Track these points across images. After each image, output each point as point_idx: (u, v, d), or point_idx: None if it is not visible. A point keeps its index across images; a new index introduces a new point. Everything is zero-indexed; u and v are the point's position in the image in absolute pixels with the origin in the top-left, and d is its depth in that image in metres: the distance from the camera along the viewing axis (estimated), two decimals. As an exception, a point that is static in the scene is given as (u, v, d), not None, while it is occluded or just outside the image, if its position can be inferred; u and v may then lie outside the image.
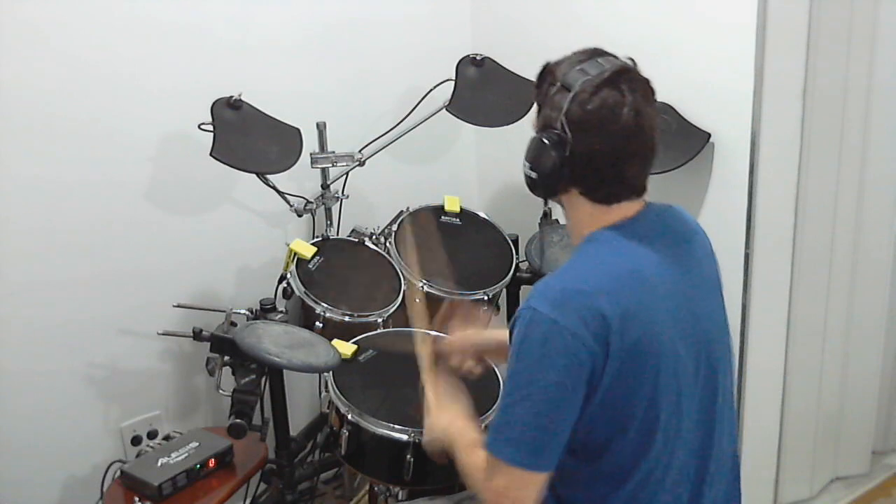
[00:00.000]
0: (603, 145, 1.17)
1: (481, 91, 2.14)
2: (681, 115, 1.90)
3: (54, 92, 1.85)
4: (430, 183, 2.49)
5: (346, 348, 1.74)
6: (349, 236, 2.16)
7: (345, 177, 2.21)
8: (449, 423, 1.40)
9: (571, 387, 1.13)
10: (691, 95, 1.88)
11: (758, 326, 1.97)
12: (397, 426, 1.56)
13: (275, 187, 2.00)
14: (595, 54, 1.21)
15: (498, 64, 2.19)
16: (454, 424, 1.39)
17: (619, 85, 1.15)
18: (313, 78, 2.25)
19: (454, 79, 2.11)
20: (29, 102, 1.82)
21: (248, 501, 2.08)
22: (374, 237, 2.13)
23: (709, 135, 1.90)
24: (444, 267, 2.01)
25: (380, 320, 1.91)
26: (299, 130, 2.04)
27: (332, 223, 2.25)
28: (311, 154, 2.11)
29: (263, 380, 1.80)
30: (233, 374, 1.76)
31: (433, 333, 1.78)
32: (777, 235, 1.96)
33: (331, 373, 1.67)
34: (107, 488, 1.79)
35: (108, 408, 2.08)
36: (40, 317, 1.92)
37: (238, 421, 1.66)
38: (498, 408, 1.22)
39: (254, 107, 1.97)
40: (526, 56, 2.06)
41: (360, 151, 2.16)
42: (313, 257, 1.96)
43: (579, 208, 1.25)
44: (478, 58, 2.15)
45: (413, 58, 2.39)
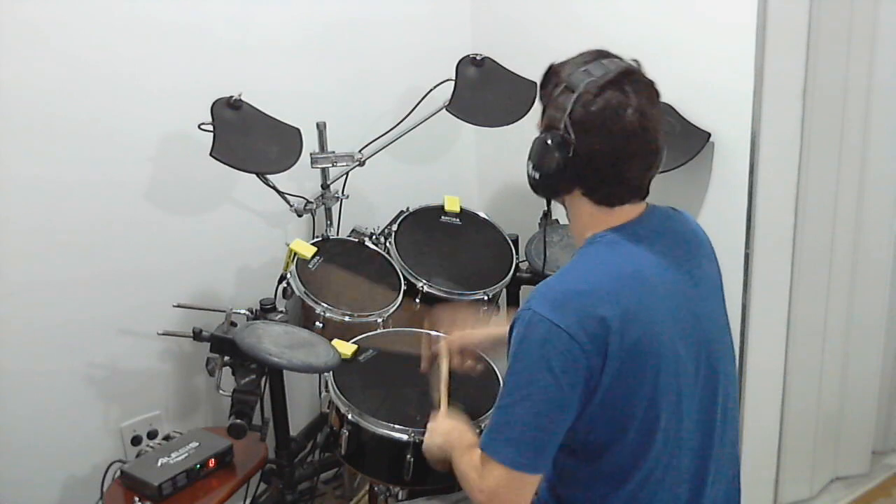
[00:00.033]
0: (606, 146, 1.17)
1: (481, 91, 2.14)
2: (681, 115, 1.90)
3: (54, 92, 1.85)
4: (430, 183, 2.49)
5: (346, 348, 1.74)
6: (349, 236, 2.16)
7: (345, 177, 2.21)
8: (450, 429, 1.40)
9: (569, 388, 1.13)
10: (691, 95, 1.88)
11: (758, 326, 1.97)
12: (397, 426, 1.56)
13: (275, 187, 2.00)
14: (600, 56, 1.21)
15: (498, 64, 2.19)
16: (456, 429, 1.39)
17: (624, 86, 1.15)
18: (313, 78, 2.25)
19: (454, 79, 2.11)
20: (29, 102, 1.82)
21: (248, 501, 2.08)
22: (374, 237, 2.13)
23: (709, 135, 1.90)
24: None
25: (380, 320, 1.91)
26: (299, 130, 2.04)
27: (332, 223, 2.25)
28: (311, 154, 2.11)
29: (263, 380, 1.80)
30: (233, 374, 1.76)
31: (434, 333, 1.79)
32: (777, 235, 1.96)
33: (331, 373, 1.67)
34: (107, 488, 1.79)
35: (108, 408, 2.08)
36: (40, 317, 1.92)
37: (238, 421, 1.66)
38: (495, 408, 1.21)
39: (254, 107, 1.97)
40: (526, 56, 2.07)
41: (360, 151, 2.16)
42: (313, 257, 1.96)
43: (582, 209, 1.25)
44: (478, 58, 2.14)
45: (413, 58, 2.39)
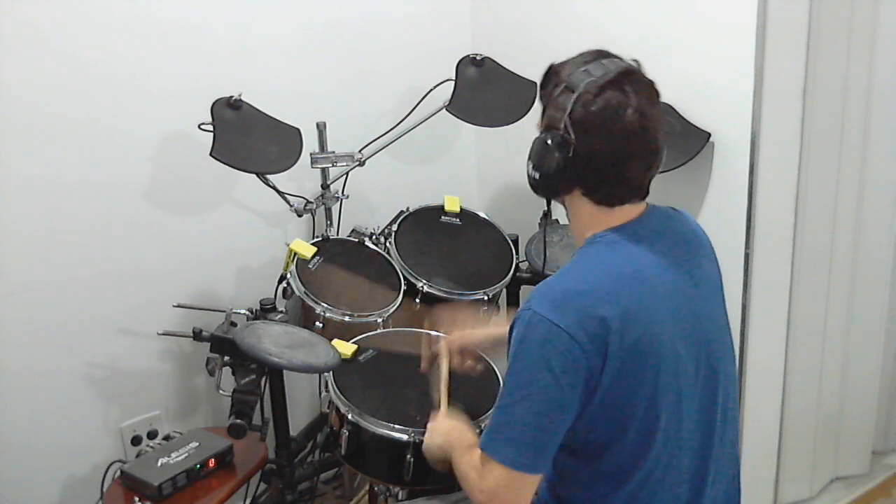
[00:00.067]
0: (606, 146, 1.17)
1: (481, 91, 2.14)
2: (681, 115, 1.90)
3: (54, 92, 1.85)
4: (430, 183, 2.49)
5: (346, 348, 1.74)
6: (349, 236, 2.16)
7: (345, 177, 2.21)
8: (450, 429, 1.40)
9: (569, 388, 1.13)
10: (691, 95, 1.88)
11: (758, 326, 1.97)
12: (397, 426, 1.56)
13: (275, 187, 2.00)
14: (600, 56, 1.21)
15: (498, 64, 2.19)
16: (457, 428, 1.39)
17: (624, 86, 1.15)
18: (313, 78, 2.25)
19: (454, 79, 2.11)
20: (29, 102, 1.82)
21: (248, 501, 2.08)
22: (374, 237, 2.13)
23: (709, 135, 1.90)
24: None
25: (380, 320, 1.91)
26: (299, 130, 2.04)
27: (332, 223, 2.25)
28: (311, 154, 2.11)
29: (263, 380, 1.80)
30: (233, 374, 1.76)
31: (434, 333, 1.79)
32: (777, 235, 1.96)
33: (331, 373, 1.67)
34: (107, 488, 1.79)
35: (108, 408, 2.08)
36: (40, 317, 1.92)
37: (238, 421, 1.66)
38: (495, 408, 1.21)
39: (254, 107, 1.97)
40: (526, 56, 2.07)
41: (360, 151, 2.16)
42: (313, 257, 1.96)
43: (581, 209, 1.25)
44: (478, 58, 2.14)
45: (413, 58, 2.39)
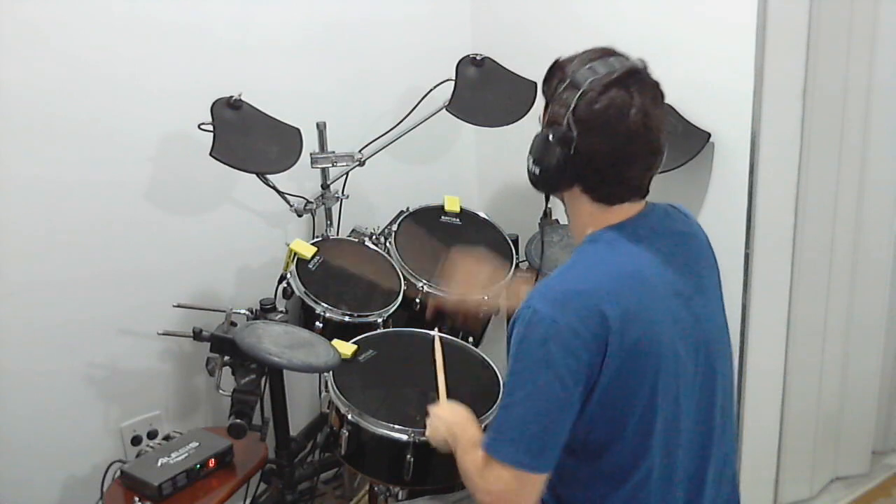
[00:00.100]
0: (607, 145, 1.17)
1: (481, 91, 2.14)
2: (681, 116, 1.90)
3: (54, 92, 1.85)
4: (430, 183, 2.49)
5: (346, 348, 1.74)
6: (349, 236, 2.16)
7: (345, 177, 2.21)
8: (454, 419, 1.40)
9: (572, 386, 1.13)
10: (691, 95, 1.88)
11: (758, 326, 1.97)
12: (397, 426, 1.56)
13: (275, 187, 2.00)
14: (605, 53, 1.20)
15: (498, 64, 2.18)
16: (458, 421, 1.39)
17: (628, 86, 1.15)
18: (313, 78, 2.25)
19: (454, 79, 2.11)
20: (29, 102, 1.82)
21: (248, 501, 2.08)
22: (374, 237, 2.13)
23: (709, 135, 1.90)
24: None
25: (380, 320, 1.90)
26: (299, 130, 2.04)
27: (332, 223, 2.25)
28: (311, 154, 2.11)
29: (263, 380, 1.80)
30: (233, 374, 1.76)
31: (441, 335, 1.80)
32: (777, 235, 1.96)
33: (331, 373, 1.67)
34: (107, 488, 1.79)
35: (108, 408, 2.08)
36: (40, 317, 1.92)
37: (238, 421, 1.66)
38: (499, 409, 1.21)
39: (254, 107, 1.97)
40: (526, 56, 2.07)
41: (360, 151, 2.16)
42: (313, 257, 1.96)
43: (581, 207, 1.25)
44: (478, 58, 2.14)
45: (413, 58, 2.39)
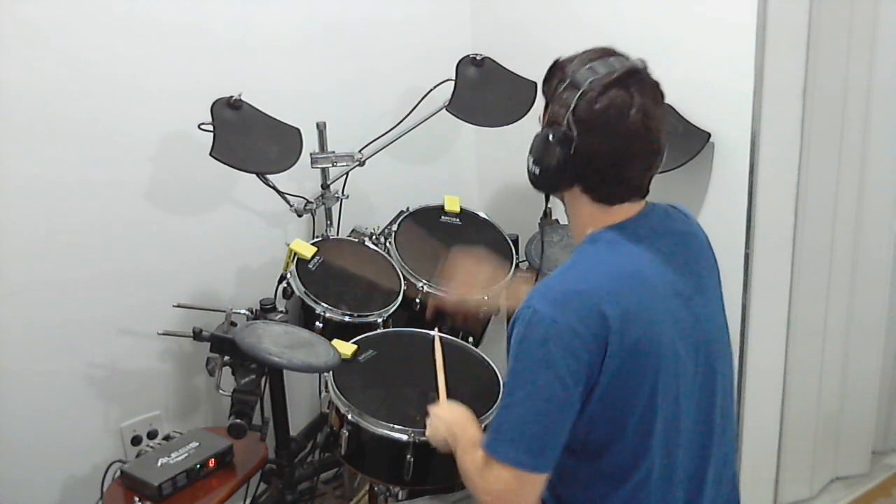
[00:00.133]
0: (607, 145, 1.17)
1: (481, 91, 2.14)
2: (681, 116, 1.90)
3: (54, 92, 1.85)
4: (430, 183, 2.49)
5: (346, 348, 1.74)
6: (349, 236, 2.16)
7: (345, 177, 2.21)
8: (454, 418, 1.40)
9: (572, 386, 1.13)
10: (691, 95, 1.88)
11: (758, 326, 1.97)
12: (397, 426, 1.56)
13: (275, 187, 2.00)
14: (606, 53, 1.20)
15: (498, 64, 2.18)
16: (458, 421, 1.39)
17: (629, 86, 1.15)
18: (313, 78, 2.25)
19: (454, 79, 2.11)
20: (29, 102, 1.82)
21: (248, 501, 2.08)
22: (374, 237, 2.13)
23: (709, 135, 1.90)
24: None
25: (380, 320, 1.90)
26: (299, 130, 2.04)
27: (332, 223, 2.25)
28: (311, 154, 2.11)
29: (263, 380, 1.80)
30: (233, 374, 1.76)
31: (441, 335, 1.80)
32: (777, 235, 1.96)
33: (331, 373, 1.67)
34: (107, 488, 1.79)
35: (108, 408, 2.08)
36: (40, 317, 1.92)
37: (238, 421, 1.66)
38: (499, 409, 1.20)
39: (254, 107, 1.97)
40: (526, 56, 2.07)
41: (360, 151, 2.16)
42: (313, 257, 1.96)
43: (581, 207, 1.25)
44: (478, 58, 2.14)
45: (413, 58, 2.39)
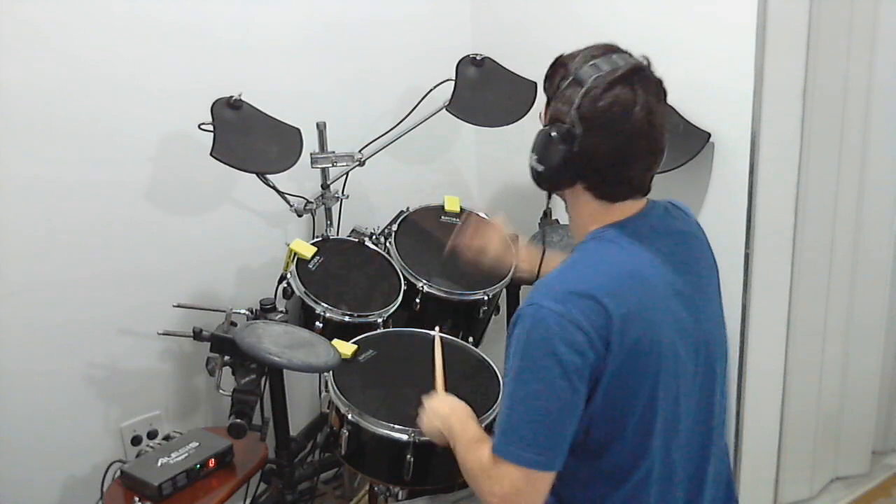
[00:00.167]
0: (612, 143, 1.16)
1: (481, 91, 2.13)
2: (681, 115, 1.90)
3: (54, 92, 1.85)
4: (430, 183, 2.49)
5: (346, 348, 1.74)
6: (349, 236, 2.16)
7: (345, 177, 2.21)
8: (450, 412, 1.40)
9: (577, 380, 1.13)
10: (691, 95, 1.88)
11: (758, 326, 1.97)
12: (397, 426, 1.56)
13: (275, 187, 2.00)
14: (608, 50, 1.20)
15: (498, 64, 2.18)
16: (455, 414, 1.39)
17: (633, 83, 1.14)
18: (313, 78, 2.25)
19: (454, 79, 2.11)
20: (29, 102, 1.82)
21: (248, 501, 2.08)
22: (374, 237, 2.13)
23: (709, 135, 1.90)
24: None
25: (380, 320, 1.90)
26: (299, 130, 2.04)
27: (332, 223, 2.25)
28: (311, 154, 2.11)
29: (263, 380, 1.80)
30: (233, 374, 1.76)
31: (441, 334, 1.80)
32: (777, 235, 1.96)
33: (331, 373, 1.67)
34: (107, 488, 1.79)
35: (108, 408, 2.08)
36: (40, 317, 1.92)
37: (238, 421, 1.66)
38: (502, 409, 1.19)
39: (254, 107, 1.97)
40: (526, 56, 2.07)
41: (360, 151, 2.16)
42: (313, 257, 1.96)
43: (583, 204, 1.25)
44: (478, 58, 2.14)
45: (413, 58, 2.39)
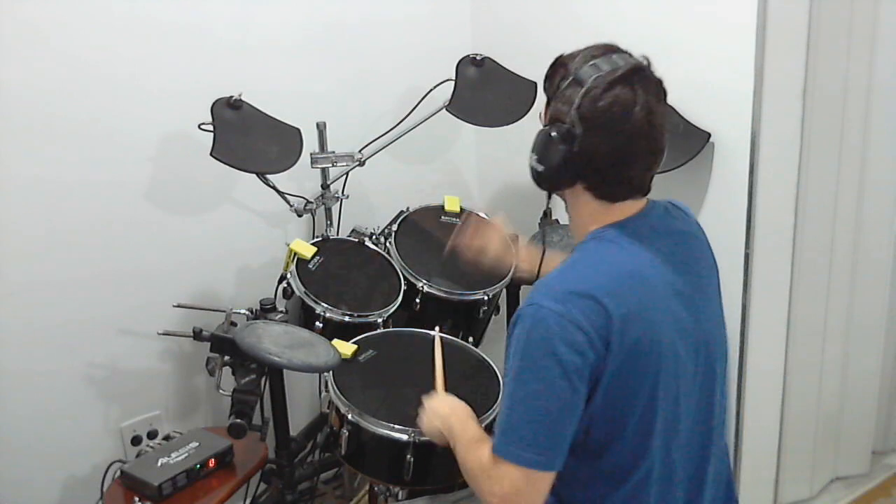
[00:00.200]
0: (612, 142, 1.16)
1: (481, 91, 2.14)
2: (681, 115, 1.90)
3: (54, 92, 1.85)
4: (430, 183, 2.49)
5: (346, 348, 1.74)
6: (349, 236, 2.16)
7: (345, 177, 2.21)
8: (450, 412, 1.40)
9: (578, 380, 1.13)
10: (691, 95, 1.88)
11: (758, 326, 1.97)
12: (397, 426, 1.56)
13: (275, 187, 2.00)
14: (608, 50, 1.20)
15: (498, 64, 2.18)
16: (455, 414, 1.38)
17: (633, 83, 1.14)
18: (313, 78, 2.25)
19: (454, 79, 2.11)
20: (29, 102, 1.82)
21: (248, 501, 2.08)
22: (374, 237, 2.13)
23: (709, 135, 1.90)
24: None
25: (380, 320, 1.90)
26: (299, 130, 2.04)
27: (332, 223, 2.25)
28: (311, 154, 2.11)
29: (263, 380, 1.80)
30: (233, 374, 1.76)
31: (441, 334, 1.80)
32: (777, 235, 1.96)
33: (331, 373, 1.67)
34: (107, 488, 1.79)
35: (108, 408, 2.08)
36: (40, 317, 1.92)
37: (238, 421, 1.66)
38: (502, 409, 1.19)
39: (254, 107, 1.97)
40: (526, 56, 2.07)
41: (360, 151, 2.16)
42: (313, 257, 1.96)
43: (583, 204, 1.24)
44: (478, 58, 2.14)
45: (413, 58, 2.39)
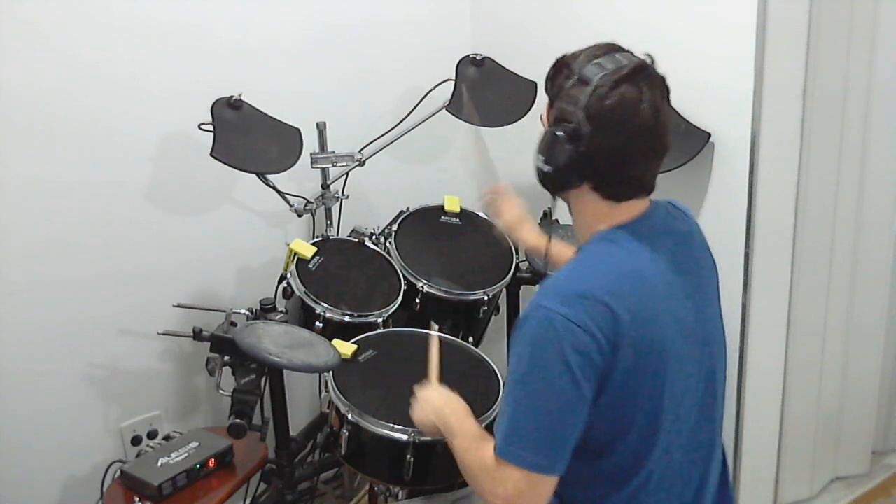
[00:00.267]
0: (620, 141, 1.16)
1: (481, 91, 2.14)
2: (681, 115, 1.90)
3: (54, 92, 1.85)
4: (430, 183, 2.49)
5: (346, 348, 1.74)
6: (349, 236, 2.16)
7: (345, 177, 2.21)
8: (444, 403, 1.39)
9: (585, 384, 1.12)
10: (691, 95, 1.87)
11: (758, 326, 1.97)
12: (397, 426, 1.56)
13: (275, 187, 2.00)
14: (611, 49, 1.20)
15: (498, 64, 2.19)
16: (449, 406, 1.38)
17: (638, 81, 1.14)
18: (313, 78, 2.25)
19: (454, 79, 2.11)
20: (29, 102, 1.82)
21: (248, 501, 2.08)
22: (374, 237, 2.13)
23: (709, 135, 1.90)
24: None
25: (380, 320, 1.91)
26: (299, 130, 2.04)
27: (332, 223, 2.25)
28: (311, 154, 2.11)
29: (263, 380, 1.80)
30: (233, 374, 1.76)
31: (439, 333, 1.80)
32: (777, 235, 1.96)
33: (331, 373, 1.67)
34: (107, 488, 1.79)
35: (108, 408, 2.08)
36: (40, 317, 1.92)
37: (238, 421, 1.66)
38: (507, 412, 1.17)
39: (254, 107, 1.97)
40: (526, 56, 2.07)
41: (360, 151, 2.16)
42: (313, 257, 1.96)
43: (588, 205, 1.24)
44: (478, 58, 2.15)
45: (413, 58, 2.39)
